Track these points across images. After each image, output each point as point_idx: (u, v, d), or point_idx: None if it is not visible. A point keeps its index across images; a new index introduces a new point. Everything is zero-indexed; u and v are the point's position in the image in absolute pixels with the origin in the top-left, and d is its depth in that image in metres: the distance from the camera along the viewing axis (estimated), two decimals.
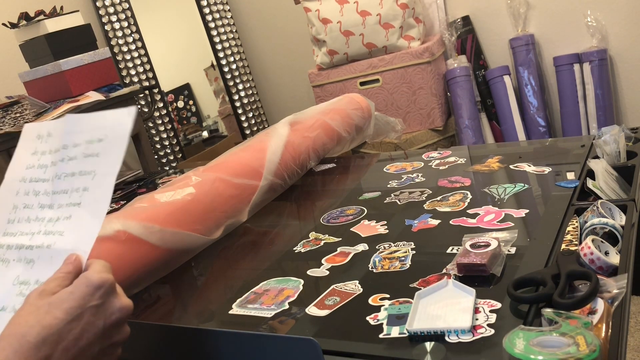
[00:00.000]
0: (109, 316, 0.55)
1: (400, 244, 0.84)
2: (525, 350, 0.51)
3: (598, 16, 2.24)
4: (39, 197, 0.66)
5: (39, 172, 0.68)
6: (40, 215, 0.65)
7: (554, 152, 1.15)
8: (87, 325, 0.54)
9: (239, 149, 1.19)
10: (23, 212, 0.67)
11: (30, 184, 0.68)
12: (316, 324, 0.68)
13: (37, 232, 0.64)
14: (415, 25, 2.35)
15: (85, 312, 0.54)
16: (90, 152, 0.64)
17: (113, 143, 0.63)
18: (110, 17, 2.57)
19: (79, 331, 0.53)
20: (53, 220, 0.64)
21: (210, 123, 3.03)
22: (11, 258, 0.64)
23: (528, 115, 2.39)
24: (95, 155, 0.64)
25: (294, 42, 2.93)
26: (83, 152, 0.65)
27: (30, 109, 1.85)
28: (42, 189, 0.67)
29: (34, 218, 0.65)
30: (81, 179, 0.64)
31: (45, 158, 0.69)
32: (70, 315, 0.53)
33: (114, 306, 0.56)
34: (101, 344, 0.55)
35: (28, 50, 2.09)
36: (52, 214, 0.64)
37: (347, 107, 1.41)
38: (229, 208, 1.02)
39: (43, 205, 0.66)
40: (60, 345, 0.52)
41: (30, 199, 0.67)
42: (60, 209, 0.64)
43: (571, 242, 0.72)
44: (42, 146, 0.70)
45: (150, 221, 0.88)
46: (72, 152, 0.66)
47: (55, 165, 0.67)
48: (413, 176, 1.13)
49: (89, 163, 0.64)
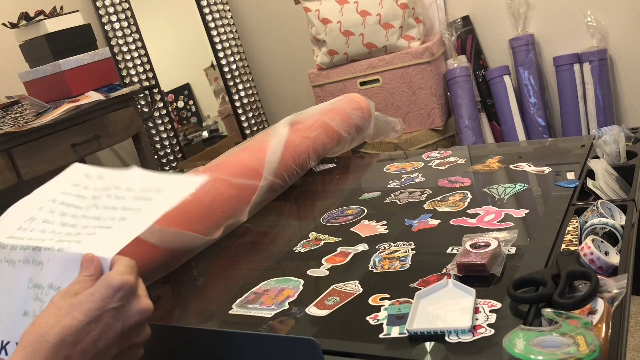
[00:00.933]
0: (127, 319, 0.55)
1: (400, 244, 0.84)
2: (525, 350, 0.51)
3: (598, 16, 2.24)
4: (64, 217, 0.66)
5: (74, 199, 0.68)
6: (58, 230, 0.64)
7: (554, 152, 1.15)
8: (105, 327, 0.54)
9: (239, 149, 1.19)
10: (40, 225, 0.66)
11: (60, 205, 0.67)
12: (316, 324, 0.68)
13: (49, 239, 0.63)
14: (415, 25, 2.35)
15: (104, 314, 0.54)
16: (143, 197, 0.65)
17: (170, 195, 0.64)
18: (110, 17, 2.57)
19: (98, 333, 0.53)
20: (72, 234, 0.63)
21: (210, 123, 3.03)
22: (16, 259, 0.63)
23: (528, 115, 2.39)
24: (148, 200, 0.64)
25: (294, 42, 2.93)
26: (135, 196, 0.65)
27: (30, 109, 1.85)
28: (71, 213, 0.66)
29: (49, 231, 0.65)
30: (123, 212, 0.64)
31: (86, 192, 0.68)
32: (89, 316, 0.53)
33: (133, 309, 0.56)
34: (120, 346, 0.55)
35: (28, 50, 2.09)
36: (72, 231, 0.63)
37: (347, 107, 1.41)
38: (229, 208, 1.02)
39: (65, 224, 0.65)
40: (79, 347, 0.52)
41: (54, 217, 0.66)
42: (85, 228, 0.63)
43: (571, 242, 0.72)
44: (87, 182, 0.69)
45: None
46: (123, 193, 0.66)
47: (96, 199, 0.66)
48: (413, 176, 1.13)
49: (137, 203, 0.64)
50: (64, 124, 1.86)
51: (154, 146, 2.64)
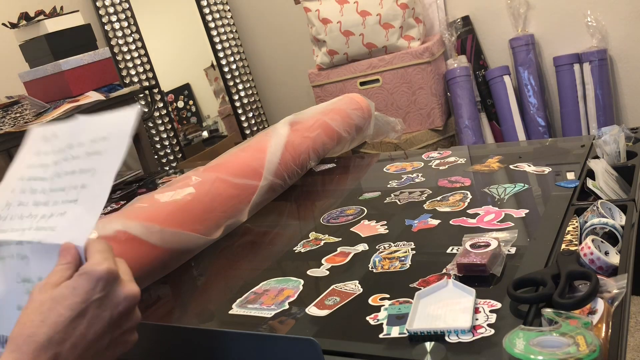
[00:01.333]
0: (115, 307, 0.54)
1: (400, 244, 0.84)
2: (525, 350, 0.51)
3: (598, 16, 2.24)
4: (35, 194, 0.65)
5: (39, 170, 0.67)
6: (34, 212, 0.64)
7: (554, 152, 1.15)
8: (93, 319, 0.53)
9: (239, 149, 1.19)
10: (17, 210, 0.65)
11: (29, 182, 0.66)
12: (316, 324, 0.68)
13: (27, 228, 0.62)
14: (415, 25, 2.35)
15: (90, 306, 0.53)
16: (94, 151, 0.63)
17: (116, 141, 0.62)
18: (110, 17, 2.57)
19: (86, 326, 0.53)
20: (46, 216, 0.62)
21: (210, 123, 3.03)
22: (6, 255, 0.63)
23: (528, 115, 2.39)
24: (98, 154, 0.63)
25: (294, 42, 2.93)
26: (86, 151, 0.64)
27: (30, 109, 1.85)
28: (40, 187, 0.65)
29: (27, 215, 0.64)
30: (81, 176, 0.63)
31: (47, 158, 0.67)
32: (74, 311, 0.52)
33: (119, 296, 0.55)
34: (111, 334, 0.55)
35: (28, 50, 2.09)
36: (46, 211, 0.63)
37: (347, 107, 1.41)
38: (229, 208, 1.02)
39: (38, 202, 0.64)
40: (68, 342, 0.52)
41: (27, 196, 0.65)
42: (55, 205, 0.63)
43: (571, 242, 0.72)
44: (46, 147, 0.68)
45: (150, 221, 0.88)
46: (76, 151, 0.65)
47: (57, 165, 0.66)
48: (413, 176, 1.13)
49: (91, 161, 0.63)
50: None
51: (154, 146, 2.64)
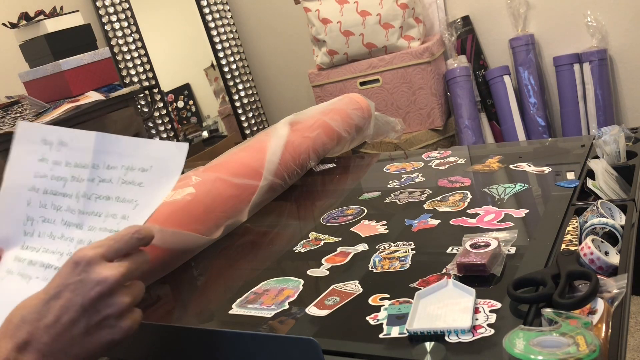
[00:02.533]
0: (87, 292, 0.55)
1: (400, 244, 0.84)
2: (525, 350, 0.51)
3: (598, 16, 2.24)
4: (61, 212, 0.64)
5: (55, 184, 0.65)
6: (67, 234, 0.63)
7: (554, 152, 1.15)
8: (66, 302, 0.54)
9: (239, 149, 1.19)
10: (43, 227, 0.64)
11: (46, 196, 0.65)
12: (316, 324, 0.68)
13: (67, 253, 0.62)
14: (415, 25, 2.35)
15: (65, 290, 0.55)
16: (131, 180, 0.63)
17: (161, 177, 0.62)
18: (110, 17, 2.57)
19: (59, 308, 0.54)
20: (85, 242, 0.62)
21: (210, 123, 3.03)
22: (34, 275, 0.62)
23: (528, 115, 2.39)
24: (138, 185, 0.62)
25: (294, 42, 2.93)
26: (121, 178, 0.63)
27: (30, 109, 1.85)
28: (65, 205, 0.64)
29: (59, 235, 0.64)
30: (119, 205, 0.62)
31: (61, 170, 0.65)
32: (49, 294, 0.55)
33: (92, 281, 0.55)
34: (88, 320, 0.55)
35: (28, 50, 2.09)
36: (82, 236, 0.63)
37: (347, 107, 1.41)
38: (229, 208, 1.02)
39: (69, 223, 0.64)
40: (41, 323, 0.54)
41: (50, 212, 0.65)
42: (91, 231, 0.62)
43: (571, 242, 0.72)
44: (53, 155, 0.66)
45: (151, 221, 0.88)
46: (106, 174, 0.64)
47: (80, 182, 0.64)
48: (413, 176, 1.13)
49: (130, 191, 0.62)
50: (64, 124, 1.85)
51: None
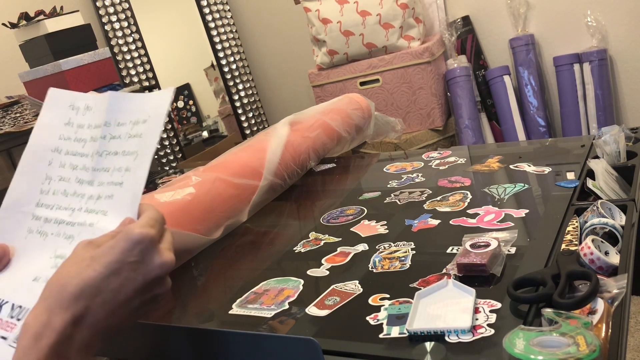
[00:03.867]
0: (149, 272, 0.56)
1: (400, 244, 0.84)
2: (525, 350, 0.51)
3: (598, 16, 2.24)
4: (76, 171, 0.66)
5: (76, 145, 0.67)
6: (80, 190, 0.65)
7: (554, 152, 1.15)
8: (125, 281, 0.54)
9: (239, 149, 1.19)
10: (59, 185, 0.66)
11: (67, 156, 0.67)
12: (316, 324, 0.68)
13: (78, 209, 0.64)
14: (415, 25, 2.35)
15: (124, 267, 0.54)
16: (135, 133, 0.64)
17: (153, 123, 0.64)
18: (110, 17, 2.57)
19: (118, 286, 0.54)
20: (94, 197, 0.63)
21: (210, 123, 3.03)
22: (49, 232, 0.63)
23: (528, 115, 2.39)
24: (139, 137, 0.64)
25: (294, 42, 2.93)
26: (128, 133, 0.65)
27: (30, 109, 1.85)
28: (81, 164, 0.66)
29: (71, 192, 0.65)
30: (124, 158, 0.64)
31: (83, 132, 0.67)
32: (109, 269, 0.54)
33: (153, 262, 0.56)
34: (141, 298, 0.56)
35: (28, 50, 2.09)
36: (93, 191, 0.64)
37: (347, 107, 1.41)
38: (229, 208, 1.02)
39: (82, 180, 0.65)
40: (99, 298, 0.53)
41: (67, 172, 0.66)
42: (101, 186, 0.64)
43: (571, 242, 0.72)
44: (78, 119, 0.68)
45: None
46: (116, 131, 0.65)
47: (95, 142, 0.66)
48: (413, 176, 1.13)
49: (133, 144, 0.64)
50: None
51: None
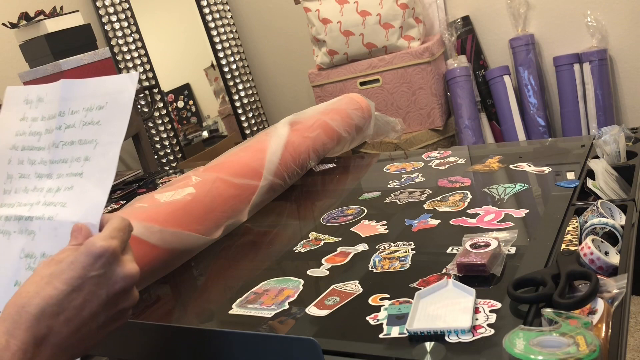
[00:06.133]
0: (112, 285, 0.53)
1: (400, 244, 0.84)
2: (525, 350, 0.51)
3: (598, 16, 2.24)
4: (35, 166, 0.63)
5: (32, 139, 0.64)
6: (39, 185, 0.62)
7: (554, 152, 1.15)
8: (89, 295, 0.52)
9: (239, 149, 1.19)
10: (19, 182, 0.64)
11: (24, 152, 0.64)
12: (316, 324, 0.68)
13: (35, 203, 0.61)
14: (415, 25, 2.35)
15: (87, 282, 0.52)
16: (90, 120, 0.61)
17: (115, 111, 0.60)
18: (110, 17, 2.57)
19: (81, 301, 0.52)
20: (53, 190, 0.61)
21: (210, 123, 3.03)
22: (12, 230, 0.61)
23: (528, 115, 2.39)
24: (96, 124, 0.61)
25: (294, 42, 2.93)
26: (82, 120, 0.62)
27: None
28: (39, 158, 0.63)
29: (32, 188, 0.62)
30: (82, 148, 0.61)
31: (37, 125, 0.65)
32: (70, 285, 0.51)
33: (117, 275, 0.54)
34: (106, 313, 0.54)
35: (28, 50, 2.09)
36: (52, 184, 0.61)
37: (347, 107, 1.41)
38: (229, 208, 1.02)
39: (41, 174, 0.63)
40: (62, 316, 0.51)
41: (26, 168, 0.64)
42: (60, 178, 0.61)
43: (571, 242, 0.72)
44: (32, 112, 0.66)
45: (150, 221, 0.88)
46: (70, 119, 0.63)
47: (50, 133, 0.63)
48: (413, 176, 1.13)
49: (90, 131, 0.61)
50: None
51: (154, 146, 2.64)
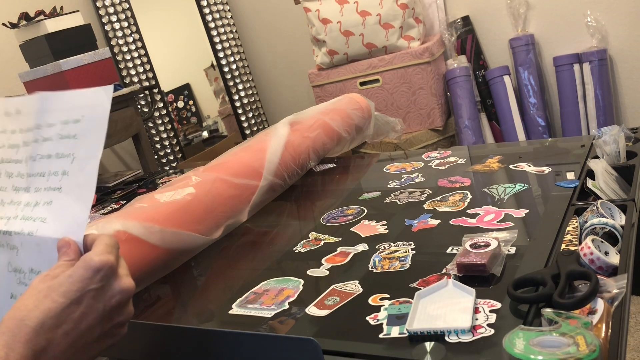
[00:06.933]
0: (109, 299, 0.54)
1: (400, 244, 0.84)
2: (525, 350, 0.51)
3: (598, 16, 2.24)
4: (12, 179, 0.63)
5: (10, 152, 0.65)
6: (16, 198, 0.62)
7: (554, 152, 1.15)
8: (86, 309, 0.53)
9: (239, 149, 1.19)
10: None
11: (2, 165, 0.65)
12: (316, 324, 0.68)
13: (13, 217, 0.61)
14: (415, 25, 2.35)
15: (85, 296, 0.53)
16: (67, 134, 0.61)
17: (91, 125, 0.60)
18: (110, 17, 2.57)
19: (79, 315, 0.53)
20: (31, 204, 0.61)
21: (210, 123, 3.03)
22: None
23: (528, 115, 2.39)
24: (73, 137, 0.61)
25: (294, 42, 2.93)
26: (59, 134, 0.61)
27: None
28: (16, 171, 0.63)
29: (8, 201, 0.63)
30: (59, 162, 0.61)
31: (15, 137, 0.65)
32: (69, 299, 0.52)
33: (114, 289, 0.55)
34: (103, 326, 0.55)
35: (28, 50, 2.09)
36: (30, 198, 0.61)
37: (347, 107, 1.41)
38: (229, 208, 1.02)
39: (18, 188, 0.63)
40: (60, 329, 0.52)
41: (3, 181, 0.64)
42: (37, 192, 0.61)
43: (571, 242, 0.72)
44: (11, 124, 0.65)
45: (150, 221, 0.88)
46: (47, 132, 0.62)
47: (28, 146, 0.63)
48: (413, 176, 1.13)
49: (66, 145, 0.61)
50: None
51: (154, 146, 2.64)
